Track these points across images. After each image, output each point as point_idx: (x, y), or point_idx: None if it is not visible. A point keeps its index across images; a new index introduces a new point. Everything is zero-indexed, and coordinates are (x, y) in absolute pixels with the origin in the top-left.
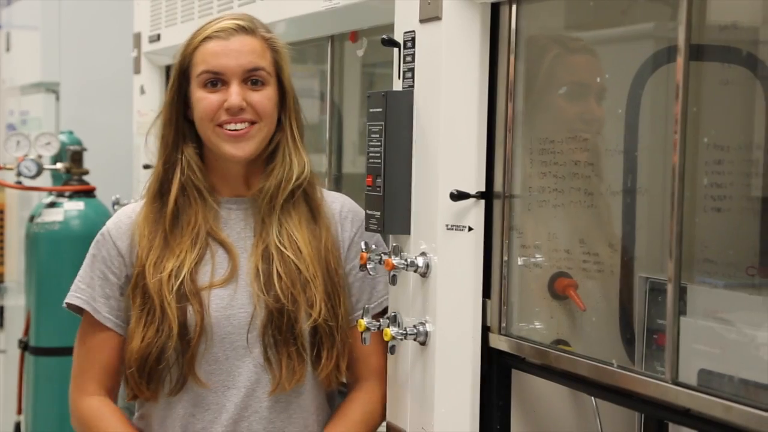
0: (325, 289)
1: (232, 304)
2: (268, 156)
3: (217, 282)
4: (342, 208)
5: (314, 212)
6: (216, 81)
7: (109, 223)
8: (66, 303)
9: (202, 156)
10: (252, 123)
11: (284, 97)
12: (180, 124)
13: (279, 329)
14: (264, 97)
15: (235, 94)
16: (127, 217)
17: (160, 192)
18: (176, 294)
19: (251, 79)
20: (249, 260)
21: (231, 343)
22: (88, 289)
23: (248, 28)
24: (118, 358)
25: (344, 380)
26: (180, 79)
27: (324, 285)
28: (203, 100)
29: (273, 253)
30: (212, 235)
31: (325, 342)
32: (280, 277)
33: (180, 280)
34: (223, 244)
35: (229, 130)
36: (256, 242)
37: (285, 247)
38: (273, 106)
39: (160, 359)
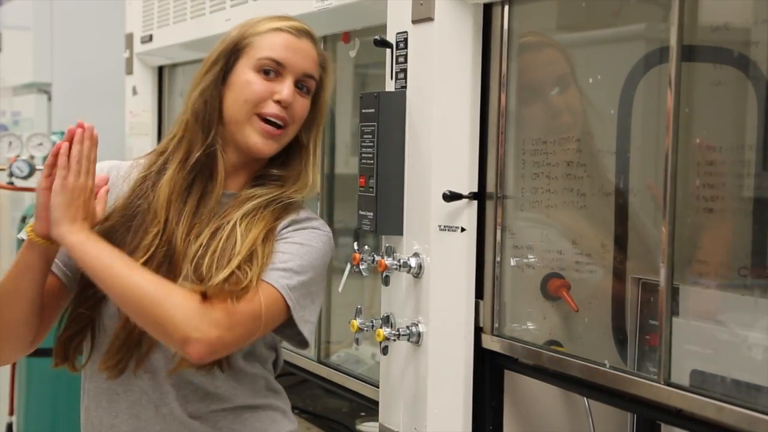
0: (241, 262)
1: None
2: (281, 169)
3: None
4: (299, 219)
5: (280, 217)
6: (271, 71)
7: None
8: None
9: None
10: (285, 125)
11: (316, 115)
12: (218, 100)
13: None
14: (305, 106)
15: (289, 89)
16: (107, 166)
17: (197, 164)
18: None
19: (301, 83)
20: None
21: None
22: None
23: (314, 37)
24: (45, 298)
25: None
26: (229, 56)
27: (242, 258)
28: (254, 83)
29: (226, 229)
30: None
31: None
32: (214, 252)
33: (197, 261)
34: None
35: (268, 123)
36: (216, 219)
37: (240, 225)
38: (305, 116)
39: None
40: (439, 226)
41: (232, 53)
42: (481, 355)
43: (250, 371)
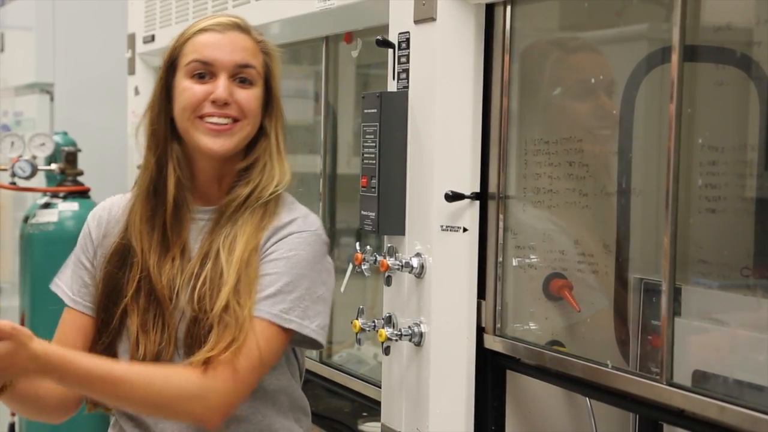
0: (231, 293)
1: None
2: (246, 164)
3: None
4: (281, 227)
5: (263, 219)
6: (204, 73)
7: (89, 216)
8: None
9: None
10: (235, 120)
11: (270, 103)
12: (168, 118)
13: (193, 336)
14: (250, 96)
15: (222, 87)
16: (102, 209)
17: (155, 189)
18: (175, 303)
19: (240, 76)
20: (190, 263)
21: None
22: (65, 277)
23: (243, 27)
24: (75, 335)
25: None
26: (167, 72)
27: (231, 289)
28: (188, 89)
29: (212, 256)
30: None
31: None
32: (204, 283)
33: (176, 290)
34: (189, 253)
35: (211, 123)
36: (204, 243)
37: (224, 249)
38: (258, 106)
39: None
40: (441, 226)
41: (169, 68)
42: (483, 356)
43: (269, 387)
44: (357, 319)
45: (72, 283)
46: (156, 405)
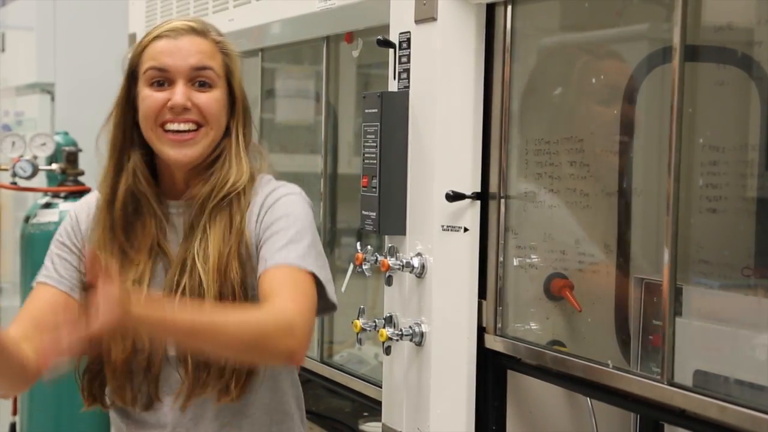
0: (217, 297)
1: None
2: (210, 162)
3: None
4: (265, 200)
5: (233, 219)
6: (162, 80)
7: (76, 207)
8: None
9: (152, 159)
10: (198, 126)
11: (233, 103)
12: (128, 127)
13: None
14: (211, 99)
15: (180, 93)
16: (87, 204)
17: (111, 200)
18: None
19: (198, 80)
20: (170, 271)
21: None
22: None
23: (199, 30)
24: (51, 311)
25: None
26: (129, 81)
27: (217, 294)
28: (147, 98)
29: (188, 265)
30: (160, 246)
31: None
32: (184, 291)
33: (144, 291)
34: (167, 256)
35: (173, 131)
36: (180, 251)
37: (198, 257)
38: (220, 108)
39: (134, 372)
40: (442, 226)
41: (130, 78)
42: (484, 355)
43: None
44: (358, 318)
45: (57, 269)
46: (252, 348)
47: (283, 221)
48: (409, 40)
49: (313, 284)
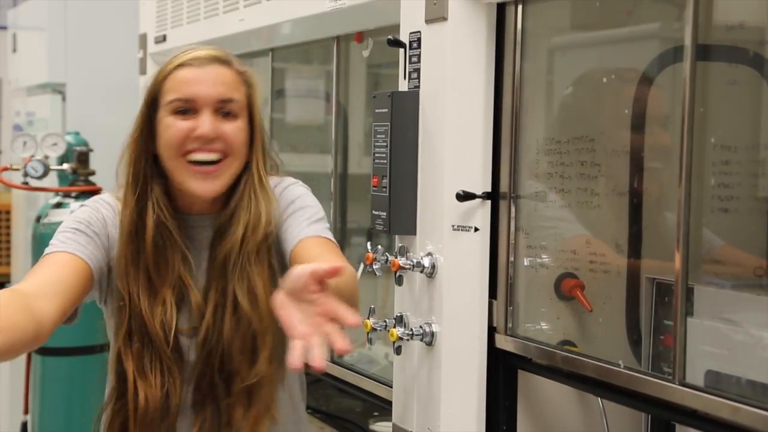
0: (273, 342)
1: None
2: (231, 202)
3: (183, 330)
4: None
5: (268, 255)
6: (186, 110)
7: (104, 211)
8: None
9: (167, 186)
10: (223, 156)
11: (253, 135)
12: (149, 157)
13: (211, 384)
14: (236, 129)
15: (207, 122)
16: (108, 205)
17: (136, 230)
18: (174, 345)
19: (223, 110)
20: (203, 304)
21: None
22: (74, 243)
23: (223, 59)
24: (76, 280)
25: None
26: (149, 110)
27: (271, 346)
28: (171, 127)
29: (228, 302)
30: (183, 281)
31: (256, 393)
32: (223, 330)
33: (173, 332)
34: (188, 289)
35: (198, 163)
36: (211, 286)
37: (242, 296)
38: (244, 139)
39: (161, 417)
40: (453, 225)
41: (151, 106)
42: (494, 355)
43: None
44: (368, 318)
45: (79, 241)
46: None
47: (299, 201)
48: (419, 40)
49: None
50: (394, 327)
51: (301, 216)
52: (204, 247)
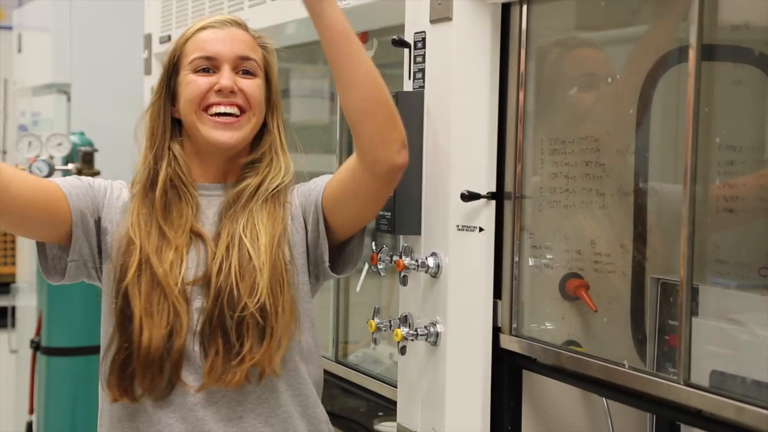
0: (270, 281)
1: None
2: (252, 159)
3: (196, 279)
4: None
5: (277, 209)
6: (208, 68)
7: (113, 183)
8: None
9: (184, 149)
10: (241, 111)
11: (271, 98)
12: (168, 117)
13: (213, 328)
14: (254, 85)
15: (227, 76)
16: (120, 186)
17: (151, 184)
18: (181, 289)
19: (242, 68)
20: (213, 246)
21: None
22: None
23: (241, 23)
24: (51, 201)
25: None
26: (170, 72)
27: (269, 277)
28: (193, 82)
29: (236, 242)
30: (194, 230)
31: (256, 331)
32: (231, 268)
33: (182, 275)
34: (202, 239)
35: (219, 115)
36: (225, 229)
37: (246, 236)
38: (261, 96)
39: (163, 358)
40: (458, 226)
41: (172, 69)
42: (499, 356)
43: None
44: (373, 318)
45: (73, 184)
46: (389, 104)
47: (308, 182)
48: (424, 40)
49: None
50: (399, 327)
51: (314, 180)
52: (215, 212)
